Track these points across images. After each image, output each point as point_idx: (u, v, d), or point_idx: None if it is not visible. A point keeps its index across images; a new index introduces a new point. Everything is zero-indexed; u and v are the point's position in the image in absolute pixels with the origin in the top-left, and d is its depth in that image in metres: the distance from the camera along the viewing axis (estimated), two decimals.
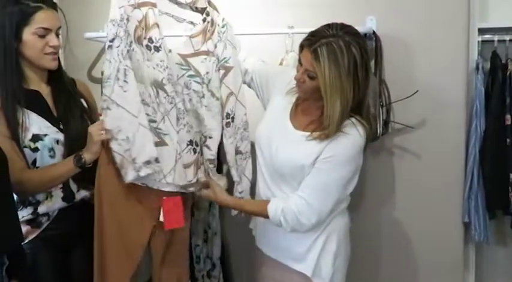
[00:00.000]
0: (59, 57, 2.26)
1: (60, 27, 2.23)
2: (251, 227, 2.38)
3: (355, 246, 2.31)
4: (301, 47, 2.00)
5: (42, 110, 2.21)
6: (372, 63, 2.63)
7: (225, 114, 2.34)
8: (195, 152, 2.27)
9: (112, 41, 2.14)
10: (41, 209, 2.24)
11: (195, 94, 2.29)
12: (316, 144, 2.02)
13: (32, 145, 2.16)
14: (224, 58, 2.32)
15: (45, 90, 2.26)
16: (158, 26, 2.18)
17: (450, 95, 2.66)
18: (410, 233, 2.80)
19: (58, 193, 2.26)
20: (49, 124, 2.20)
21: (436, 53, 2.65)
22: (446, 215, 2.74)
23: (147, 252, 2.38)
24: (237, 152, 2.38)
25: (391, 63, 2.65)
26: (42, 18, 2.15)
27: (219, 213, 2.86)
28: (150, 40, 2.18)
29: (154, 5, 2.19)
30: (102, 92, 2.18)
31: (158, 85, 2.19)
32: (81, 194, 2.30)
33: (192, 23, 2.36)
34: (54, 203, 2.25)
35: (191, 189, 2.28)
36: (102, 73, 2.83)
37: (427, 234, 2.77)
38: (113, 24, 2.15)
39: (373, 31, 2.61)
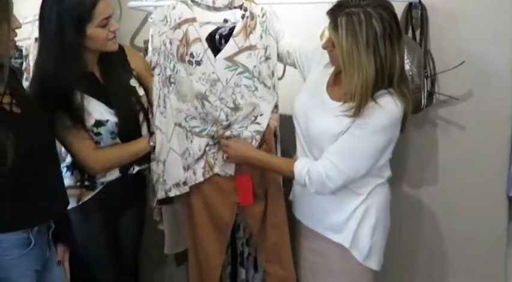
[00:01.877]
0: None
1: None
2: (290, 199, 2.38)
3: (396, 219, 2.30)
4: (327, 15, 1.97)
5: (100, 94, 2.25)
6: (418, 33, 2.58)
7: None
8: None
9: (153, 69, 2.30)
10: (98, 180, 2.35)
11: (246, 89, 2.33)
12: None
13: (95, 130, 2.23)
14: (268, 46, 2.34)
15: (97, 71, 2.30)
16: (200, 40, 2.26)
17: (497, 66, 2.57)
18: (453, 207, 2.75)
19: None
20: (109, 109, 2.25)
21: (483, 23, 2.55)
22: (491, 188, 2.67)
23: (183, 221, 2.45)
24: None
25: (437, 33, 2.58)
26: (102, 9, 2.12)
27: None
28: (191, 55, 2.26)
29: (194, 20, 2.27)
30: None
31: (203, 97, 2.28)
32: (136, 169, 2.40)
33: (234, 23, 2.34)
34: (111, 175, 2.35)
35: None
36: (145, 42, 2.88)
37: (471, 208, 2.72)
38: (154, 53, 2.30)
39: (419, 0, 2.55)
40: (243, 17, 2.31)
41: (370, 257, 2.16)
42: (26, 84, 2.61)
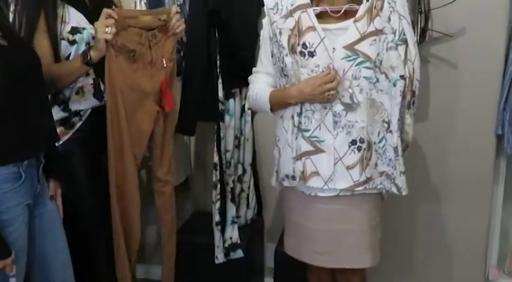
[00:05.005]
0: None
1: None
2: None
3: None
4: None
5: (80, 5, 2.21)
6: None
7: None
8: (359, 150, 2.12)
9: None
10: (73, 106, 2.28)
11: (366, 81, 2.08)
12: None
13: (71, 37, 2.18)
14: (402, 29, 2.06)
15: None
16: (315, 29, 2.06)
17: (491, 2, 2.55)
18: (441, 143, 2.79)
19: (89, 89, 2.29)
20: (86, 20, 2.20)
21: None
22: (480, 126, 2.71)
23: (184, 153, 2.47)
24: None
25: None
26: None
27: (252, 120, 2.87)
28: (304, 46, 2.08)
29: (308, 6, 2.08)
30: None
31: None
32: None
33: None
34: (86, 100, 2.29)
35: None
36: None
37: (459, 144, 2.76)
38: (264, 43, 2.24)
39: None
40: None
41: None
42: None
